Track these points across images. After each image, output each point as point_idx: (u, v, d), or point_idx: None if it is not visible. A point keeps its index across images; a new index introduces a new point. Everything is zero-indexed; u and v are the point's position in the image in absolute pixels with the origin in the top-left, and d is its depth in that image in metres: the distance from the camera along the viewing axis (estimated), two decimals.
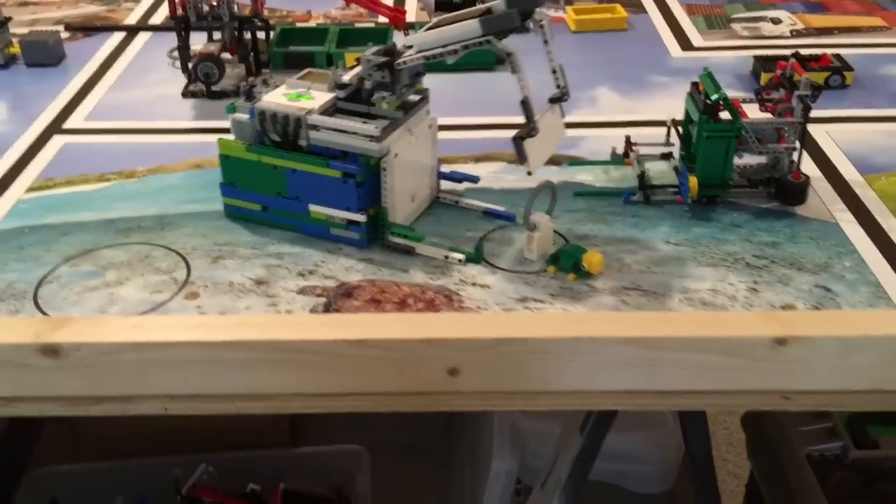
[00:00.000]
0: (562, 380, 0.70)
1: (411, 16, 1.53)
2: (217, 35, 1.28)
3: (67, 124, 1.18)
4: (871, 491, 1.26)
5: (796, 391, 0.70)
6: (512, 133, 0.84)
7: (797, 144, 0.96)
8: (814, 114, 1.14)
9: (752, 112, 0.97)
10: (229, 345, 0.68)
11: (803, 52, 1.31)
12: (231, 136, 0.92)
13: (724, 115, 0.93)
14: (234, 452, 1.61)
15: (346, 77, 0.87)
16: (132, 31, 1.48)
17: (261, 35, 1.33)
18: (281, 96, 0.89)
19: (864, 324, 0.69)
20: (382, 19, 1.35)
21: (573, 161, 1.07)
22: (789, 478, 1.29)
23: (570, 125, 1.15)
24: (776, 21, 1.47)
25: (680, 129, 1.02)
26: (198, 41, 1.28)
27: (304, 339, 0.69)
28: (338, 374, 0.70)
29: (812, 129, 1.11)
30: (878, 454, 1.27)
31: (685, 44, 1.41)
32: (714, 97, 0.92)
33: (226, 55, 1.28)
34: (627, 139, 1.06)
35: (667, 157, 1.05)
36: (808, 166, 1.04)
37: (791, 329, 0.68)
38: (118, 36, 1.47)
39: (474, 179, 1.01)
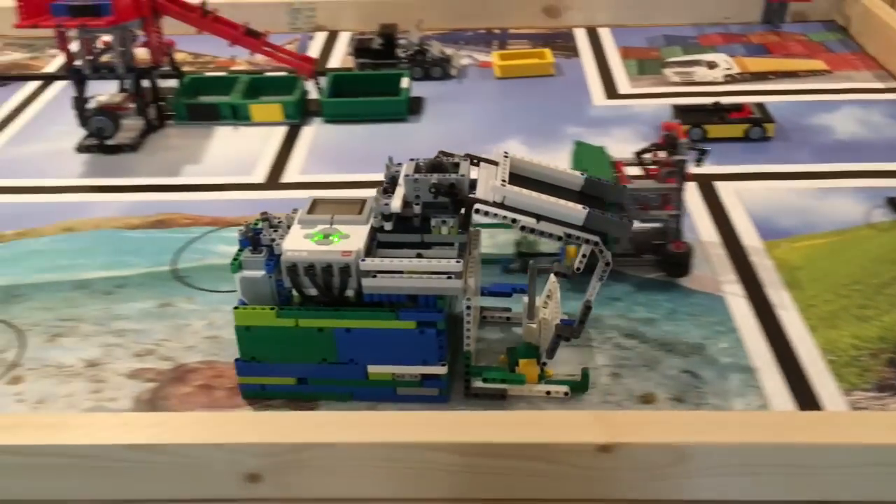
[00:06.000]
0: (367, 487, 0.64)
1: (335, 61, 1.49)
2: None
3: None
4: None
5: (623, 500, 0.63)
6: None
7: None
8: (726, 170, 1.09)
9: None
10: (7, 449, 0.63)
11: (730, 100, 1.24)
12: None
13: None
14: None
15: (395, 204, 0.69)
16: (44, 80, 1.44)
17: (173, 83, 1.30)
18: (304, 240, 0.70)
19: (702, 428, 0.62)
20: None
21: None
22: None
23: None
24: (712, 65, 1.41)
25: None
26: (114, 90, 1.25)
27: (82, 443, 0.63)
28: (127, 479, 0.64)
29: (721, 187, 1.06)
30: None
31: (611, 91, 1.35)
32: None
33: (132, 105, 1.24)
34: None
35: None
36: (708, 230, 0.97)
37: (618, 434, 0.61)
38: (33, 85, 1.44)
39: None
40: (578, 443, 0.61)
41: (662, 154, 0.89)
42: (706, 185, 1.05)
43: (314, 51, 1.53)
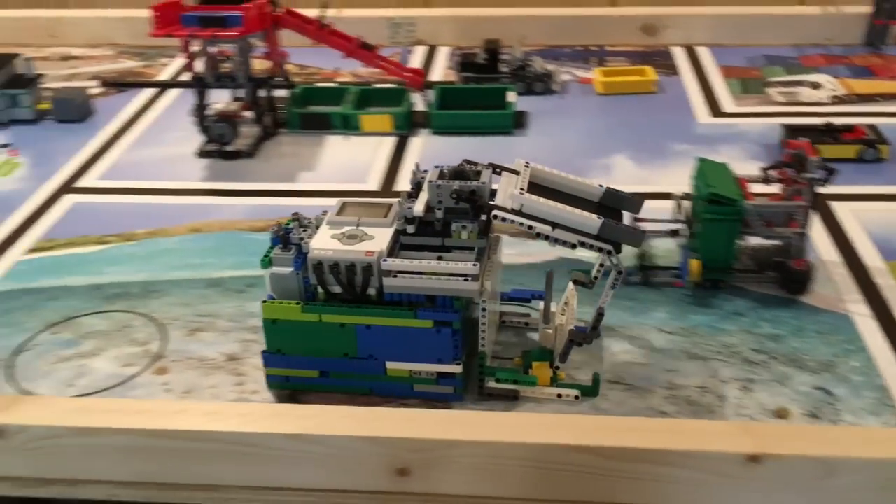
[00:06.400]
0: (509, 487, 0.66)
1: (436, 74, 1.52)
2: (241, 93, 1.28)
3: (80, 183, 1.20)
4: None
5: None
6: None
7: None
8: (842, 190, 1.09)
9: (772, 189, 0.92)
10: (169, 433, 0.66)
11: (840, 121, 1.24)
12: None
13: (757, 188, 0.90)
14: None
15: (418, 208, 0.73)
16: (163, 88, 1.50)
17: (284, 93, 1.34)
18: (331, 240, 0.74)
19: (850, 442, 0.63)
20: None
21: None
22: None
23: None
24: (816, 86, 1.40)
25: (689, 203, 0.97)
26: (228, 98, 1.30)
27: (241, 430, 0.66)
28: (281, 468, 0.67)
29: (837, 207, 1.06)
30: None
31: (715, 109, 1.35)
32: (706, 193, 0.87)
33: (248, 114, 1.29)
34: None
35: (675, 233, 1.00)
36: (827, 250, 0.97)
37: (766, 445, 0.62)
38: (149, 92, 1.50)
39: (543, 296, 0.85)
40: (728, 452, 0.63)
41: (789, 171, 0.89)
42: (822, 204, 1.05)
43: (415, 65, 1.57)
